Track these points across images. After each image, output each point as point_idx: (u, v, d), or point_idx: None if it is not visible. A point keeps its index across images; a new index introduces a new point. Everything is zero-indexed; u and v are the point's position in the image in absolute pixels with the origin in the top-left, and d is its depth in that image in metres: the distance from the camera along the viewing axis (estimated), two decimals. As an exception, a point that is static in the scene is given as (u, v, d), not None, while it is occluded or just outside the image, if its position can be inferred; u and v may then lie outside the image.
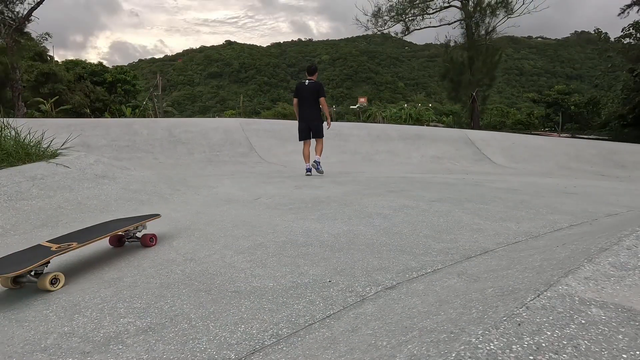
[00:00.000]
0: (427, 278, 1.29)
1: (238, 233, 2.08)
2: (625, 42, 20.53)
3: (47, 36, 24.30)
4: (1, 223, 2.38)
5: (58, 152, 3.86)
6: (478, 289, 0.93)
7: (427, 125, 25.21)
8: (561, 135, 18.12)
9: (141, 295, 1.33)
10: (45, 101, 26.03)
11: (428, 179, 4.63)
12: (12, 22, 20.25)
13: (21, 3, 20.38)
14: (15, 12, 20.44)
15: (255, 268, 1.53)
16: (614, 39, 22.44)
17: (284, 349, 0.89)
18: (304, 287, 1.30)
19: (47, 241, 1.73)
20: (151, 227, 2.33)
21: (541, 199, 3.04)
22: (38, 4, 20.84)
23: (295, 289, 1.29)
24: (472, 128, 19.05)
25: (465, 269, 1.31)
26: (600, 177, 7.07)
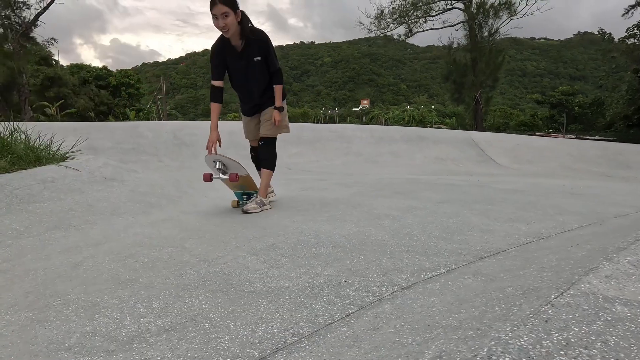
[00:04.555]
0: (443, 278, 1.30)
1: (249, 234, 2.10)
2: (629, 42, 20.49)
3: (52, 41, 24.58)
4: (15, 226, 2.41)
5: (67, 155, 3.90)
6: (497, 288, 0.94)
7: (430, 126, 25.23)
8: (565, 136, 18.08)
9: (159, 296, 1.35)
10: (50, 105, 26.24)
11: (433, 180, 4.63)
12: (18, 27, 20.50)
13: (28, 8, 20.63)
14: (22, 17, 20.68)
15: (269, 269, 1.54)
16: (618, 39, 22.40)
17: (307, 347, 0.91)
18: (320, 287, 1.31)
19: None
20: (159, 226, 2.35)
21: (548, 199, 3.04)
22: (44, 9, 21.10)
23: (311, 289, 1.30)
24: (476, 129, 19.04)
25: (480, 269, 1.32)
26: (606, 177, 7.05)
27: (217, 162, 2.75)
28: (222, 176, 2.73)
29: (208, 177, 2.77)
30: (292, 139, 8.51)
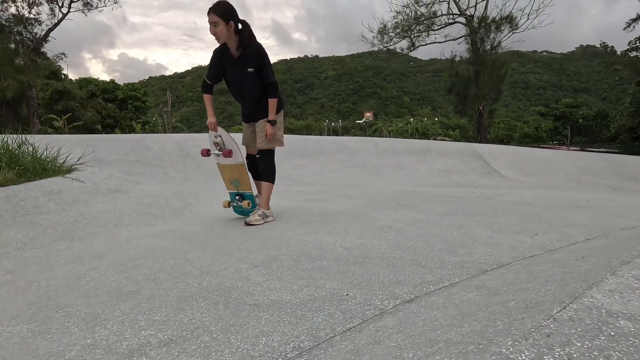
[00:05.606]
0: (446, 291, 1.29)
1: (251, 246, 2.10)
2: (632, 55, 20.56)
3: (62, 55, 25.14)
4: (20, 237, 2.43)
5: (73, 167, 3.95)
6: (500, 301, 0.93)
7: (433, 139, 25.24)
8: (570, 148, 18.01)
9: (160, 308, 1.34)
10: (58, 118, 26.66)
11: (437, 192, 4.62)
12: (30, 42, 21.02)
13: (39, 24, 21.21)
14: (33, 33, 21.24)
15: (271, 281, 1.54)
16: (621, 52, 22.51)
17: (308, 361, 0.90)
18: (321, 301, 1.30)
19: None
20: (162, 238, 2.36)
21: (554, 212, 3.02)
22: (55, 25, 21.66)
23: (313, 302, 1.30)
24: (480, 142, 19.01)
25: (484, 283, 1.30)
26: (612, 190, 6.99)
27: (218, 137, 2.86)
28: (216, 151, 2.86)
29: (205, 153, 2.93)
30: (296, 151, 8.56)
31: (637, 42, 20.01)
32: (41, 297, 1.59)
